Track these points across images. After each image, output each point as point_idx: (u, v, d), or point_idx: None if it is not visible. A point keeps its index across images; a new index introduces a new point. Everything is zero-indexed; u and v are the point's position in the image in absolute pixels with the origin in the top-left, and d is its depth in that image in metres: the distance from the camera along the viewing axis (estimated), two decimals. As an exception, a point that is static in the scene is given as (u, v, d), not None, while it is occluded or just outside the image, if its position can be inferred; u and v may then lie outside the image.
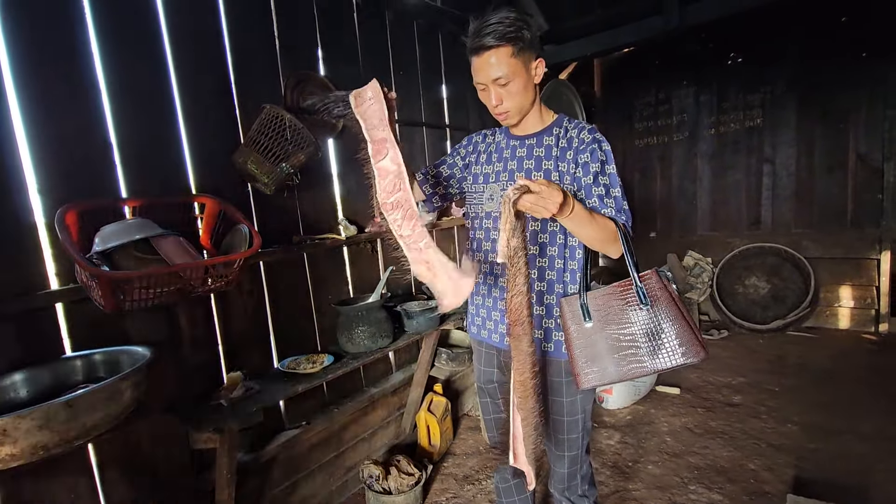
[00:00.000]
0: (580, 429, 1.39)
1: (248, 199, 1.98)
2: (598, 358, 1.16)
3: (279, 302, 2.08)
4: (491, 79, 1.17)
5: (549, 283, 1.32)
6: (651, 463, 2.40)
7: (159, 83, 1.70)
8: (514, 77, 1.16)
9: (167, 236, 1.49)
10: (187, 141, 1.78)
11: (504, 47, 1.12)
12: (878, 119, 3.81)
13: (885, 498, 2.00)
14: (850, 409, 2.74)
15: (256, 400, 1.66)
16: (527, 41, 1.14)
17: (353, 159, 2.39)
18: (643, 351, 1.11)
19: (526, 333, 1.05)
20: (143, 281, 1.36)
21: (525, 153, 1.32)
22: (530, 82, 1.22)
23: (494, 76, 1.16)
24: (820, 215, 4.14)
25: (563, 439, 1.39)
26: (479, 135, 1.48)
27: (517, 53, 1.14)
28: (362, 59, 2.49)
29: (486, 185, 1.39)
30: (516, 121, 1.28)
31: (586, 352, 1.17)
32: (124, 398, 1.22)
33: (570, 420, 1.37)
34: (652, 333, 1.11)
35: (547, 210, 1.00)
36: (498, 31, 1.11)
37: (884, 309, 3.93)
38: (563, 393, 1.35)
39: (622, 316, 1.14)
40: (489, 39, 1.12)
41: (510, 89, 1.18)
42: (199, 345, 1.79)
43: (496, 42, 1.12)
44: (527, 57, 1.17)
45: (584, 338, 1.18)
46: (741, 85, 4.34)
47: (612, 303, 1.16)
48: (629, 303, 1.14)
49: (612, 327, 1.15)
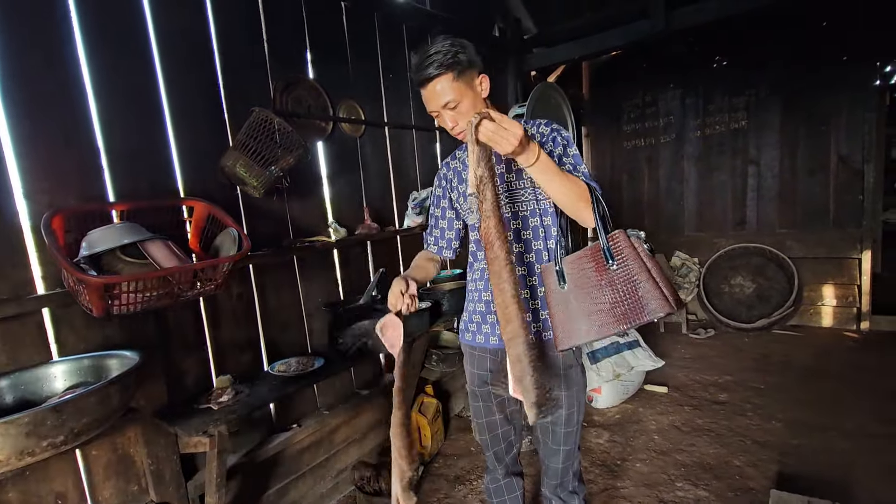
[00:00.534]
0: (575, 422, 1.43)
1: (237, 202, 1.98)
2: (574, 319, 1.19)
3: (269, 305, 2.08)
4: (440, 105, 1.24)
5: (528, 265, 1.36)
6: (639, 461, 2.43)
7: (146, 85, 1.70)
8: (461, 98, 1.23)
9: (156, 240, 1.49)
10: (175, 143, 1.78)
11: (445, 74, 1.20)
12: (859, 122, 3.90)
13: (866, 493, 2.05)
14: (833, 406, 2.80)
15: (246, 403, 1.66)
16: (465, 63, 1.21)
17: (343, 162, 2.43)
18: (613, 310, 1.14)
19: (503, 250, 1.09)
20: (132, 285, 1.36)
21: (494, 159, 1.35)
22: (478, 98, 1.27)
23: (443, 102, 1.23)
24: (803, 216, 4.22)
25: (561, 433, 1.43)
26: (444, 167, 1.53)
27: (458, 77, 1.21)
28: (351, 61, 2.50)
29: (466, 201, 1.43)
30: None
31: (563, 314, 1.21)
32: (113, 403, 1.21)
33: (568, 413, 1.41)
34: (620, 292, 1.14)
35: (507, 142, 1.04)
36: (437, 61, 1.19)
37: (865, 307, 4.02)
38: (563, 386, 1.39)
39: (593, 277, 1.18)
40: (430, 70, 1.19)
41: (460, 110, 1.24)
42: (188, 349, 1.79)
43: (437, 71, 1.19)
44: (468, 77, 1.23)
45: (560, 301, 1.22)
46: (726, 88, 4.41)
47: (585, 265, 1.20)
48: (599, 264, 1.17)
49: (584, 288, 1.18)
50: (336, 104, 2.39)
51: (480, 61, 1.27)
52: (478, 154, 1.08)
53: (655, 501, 2.11)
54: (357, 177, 2.53)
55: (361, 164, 2.55)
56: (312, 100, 2.29)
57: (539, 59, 3.85)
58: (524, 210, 1.35)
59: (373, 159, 2.62)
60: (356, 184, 2.53)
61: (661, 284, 1.12)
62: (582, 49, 3.64)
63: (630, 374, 3.03)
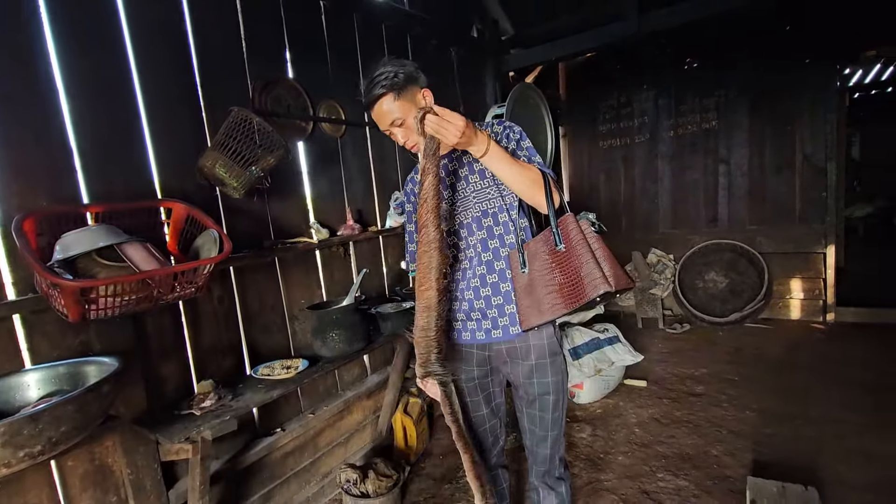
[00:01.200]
0: (561, 407, 1.49)
1: (216, 204, 1.95)
2: (534, 301, 1.26)
3: (251, 307, 2.04)
4: (388, 123, 1.31)
5: (500, 272, 1.40)
6: (621, 454, 2.48)
7: (120, 82, 1.65)
8: (405, 115, 1.28)
9: (133, 242, 1.45)
10: (152, 143, 1.74)
11: (387, 95, 1.27)
12: (821, 122, 4.07)
13: (833, 476, 2.14)
14: (803, 396, 2.91)
15: (229, 408, 1.62)
16: (402, 82, 1.27)
17: (324, 162, 2.41)
18: (562, 289, 1.21)
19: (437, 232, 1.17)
20: (110, 289, 1.32)
21: (456, 165, 1.42)
22: None
23: (389, 120, 1.30)
24: (771, 212, 4.38)
25: (548, 419, 1.47)
26: (409, 182, 1.59)
27: (399, 96, 1.28)
28: (331, 61, 2.48)
29: None
30: None
31: (526, 297, 1.28)
32: (92, 411, 1.18)
33: (555, 399, 1.46)
34: (568, 272, 1.21)
35: (450, 133, 1.12)
36: (378, 83, 1.26)
37: (830, 299, 4.20)
38: (549, 372, 1.43)
39: (547, 259, 1.25)
40: (374, 91, 1.27)
41: (408, 125, 1.30)
42: (168, 353, 1.74)
43: (379, 91, 1.27)
44: (409, 94, 1.29)
45: (523, 285, 1.30)
46: (697, 89, 4.55)
47: (539, 249, 1.28)
48: (551, 247, 1.26)
49: (540, 271, 1.25)
50: (316, 104, 2.37)
51: (423, 78, 1.34)
52: (424, 146, 1.15)
53: (638, 493, 2.16)
54: (338, 177, 2.51)
55: (342, 164, 2.53)
56: (292, 99, 2.26)
57: (517, 60, 3.89)
58: (492, 207, 1.40)
59: (354, 159, 2.60)
60: (338, 184, 2.51)
61: (601, 263, 1.18)
62: (558, 50, 3.69)
63: (611, 369, 3.09)
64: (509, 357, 1.47)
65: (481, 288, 1.41)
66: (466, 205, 1.41)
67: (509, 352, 1.45)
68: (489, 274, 1.40)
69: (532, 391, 1.47)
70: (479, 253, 1.42)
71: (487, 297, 1.40)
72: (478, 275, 1.42)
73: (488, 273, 1.40)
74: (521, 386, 1.49)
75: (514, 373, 1.49)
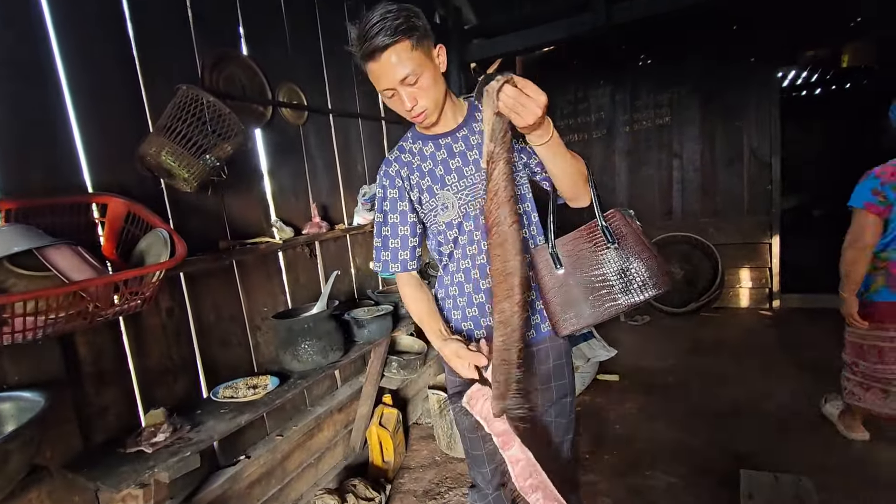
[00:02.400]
0: (574, 409, 1.40)
1: (161, 198, 1.65)
2: (574, 302, 1.15)
3: (205, 319, 1.77)
4: (398, 80, 1.03)
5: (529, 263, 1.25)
6: (606, 452, 2.43)
7: (36, 55, 1.34)
8: (422, 71, 1.04)
9: (60, 246, 1.16)
10: (79, 127, 1.43)
11: (401, 42, 0.99)
12: (766, 118, 4.27)
13: (810, 461, 2.19)
14: (766, 381, 3.01)
15: (188, 441, 1.36)
16: (422, 29, 1.03)
17: (285, 153, 2.15)
18: (616, 289, 1.11)
19: (513, 229, 0.95)
20: (29, 305, 1.03)
21: (463, 146, 1.22)
22: (438, 72, 1.10)
23: (401, 76, 1.02)
24: (722, 205, 4.56)
25: (564, 423, 1.37)
26: (392, 164, 1.29)
27: (417, 45, 1.02)
28: (290, 40, 2.22)
29: (433, 198, 1.26)
30: (436, 118, 1.16)
31: (561, 298, 1.16)
32: (11, 465, 0.91)
33: (571, 399, 1.37)
34: (622, 270, 1.12)
35: (531, 112, 0.89)
36: (388, 27, 0.97)
37: (776, 287, 4.43)
38: (566, 374, 1.33)
39: (592, 258, 1.14)
40: (381, 38, 0.98)
41: (422, 85, 1.05)
42: (107, 380, 1.45)
43: (390, 39, 0.98)
44: (427, 46, 1.05)
45: (557, 285, 1.17)
46: (652, 85, 4.64)
47: (581, 246, 1.16)
48: (597, 244, 1.14)
49: (583, 270, 1.14)
50: (275, 87, 2.10)
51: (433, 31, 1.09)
52: (493, 125, 0.92)
53: (631, 493, 2.10)
54: (301, 170, 2.26)
55: (306, 155, 2.28)
56: (247, 80, 1.99)
57: (480, 50, 3.76)
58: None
59: (318, 150, 2.36)
60: (301, 178, 2.26)
61: (660, 261, 1.13)
62: (523, 41, 3.59)
63: (587, 365, 3.04)
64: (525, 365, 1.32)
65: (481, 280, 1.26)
66: (475, 192, 1.22)
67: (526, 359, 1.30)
68: None
69: (549, 396, 1.34)
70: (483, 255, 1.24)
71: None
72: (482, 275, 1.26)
73: None
74: (534, 393, 1.35)
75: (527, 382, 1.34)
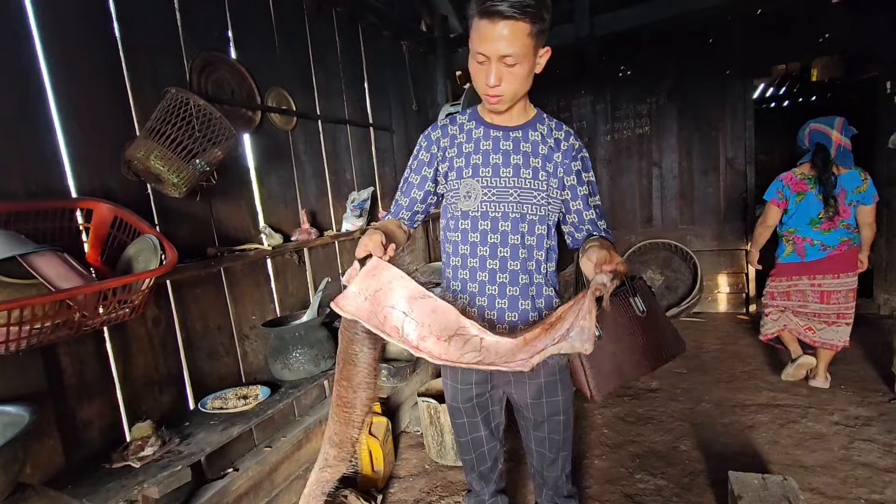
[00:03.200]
0: (570, 425, 1.38)
1: (148, 204, 1.61)
2: (607, 366, 1.17)
3: (193, 328, 1.72)
4: (498, 54, 1.03)
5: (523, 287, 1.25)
6: (596, 457, 2.44)
7: (18, 52, 1.29)
8: (522, 59, 1.04)
9: (45, 253, 1.11)
10: (62, 128, 1.38)
11: (522, 22, 0.99)
12: (741, 129, 4.41)
13: (793, 460, 2.25)
14: (746, 383, 3.09)
15: (178, 455, 1.32)
16: (545, 23, 1.03)
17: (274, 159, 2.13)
18: (649, 352, 1.17)
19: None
20: (13, 315, 0.99)
21: (511, 146, 1.22)
22: (533, 69, 1.11)
23: (503, 52, 1.02)
24: (700, 212, 4.68)
25: (559, 440, 1.36)
26: (436, 129, 1.30)
27: (533, 34, 1.02)
28: (279, 44, 2.20)
29: (460, 180, 1.24)
30: (506, 107, 1.16)
31: (599, 363, 1.17)
32: (-5, 485, 0.86)
33: (565, 419, 1.35)
34: (652, 335, 1.17)
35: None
36: (520, 2, 0.97)
37: (752, 292, 4.56)
38: (559, 390, 1.32)
39: (624, 323, 1.17)
40: (508, 7, 0.97)
41: (515, 71, 1.06)
42: (91, 392, 1.39)
43: (515, 13, 0.97)
44: (539, 41, 1.06)
45: (595, 350, 1.15)
46: (631, 95, 4.75)
47: (618, 313, 1.19)
48: (627, 310, 1.18)
49: (617, 335, 1.17)
50: (264, 91, 2.08)
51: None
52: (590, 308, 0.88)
53: (621, 497, 2.11)
54: (290, 176, 2.23)
55: (294, 161, 2.25)
56: (236, 84, 1.96)
57: (465, 58, 3.79)
58: (532, 214, 1.21)
59: (306, 156, 2.33)
60: (290, 184, 2.23)
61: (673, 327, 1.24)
62: (507, 51, 3.64)
63: (574, 370, 3.06)
64: (513, 376, 1.31)
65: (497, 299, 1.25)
66: (503, 196, 1.20)
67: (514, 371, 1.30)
68: (510, 286, 1.23)
69: (540, 412, 1.33)
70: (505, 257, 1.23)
71: (501, 310, 1.24)
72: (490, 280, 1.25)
73: (510, 285, 1.23)
74: (526, 407, 1.34)
75: (518, 393, 1.34)
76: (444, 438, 2.44)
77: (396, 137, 3.16)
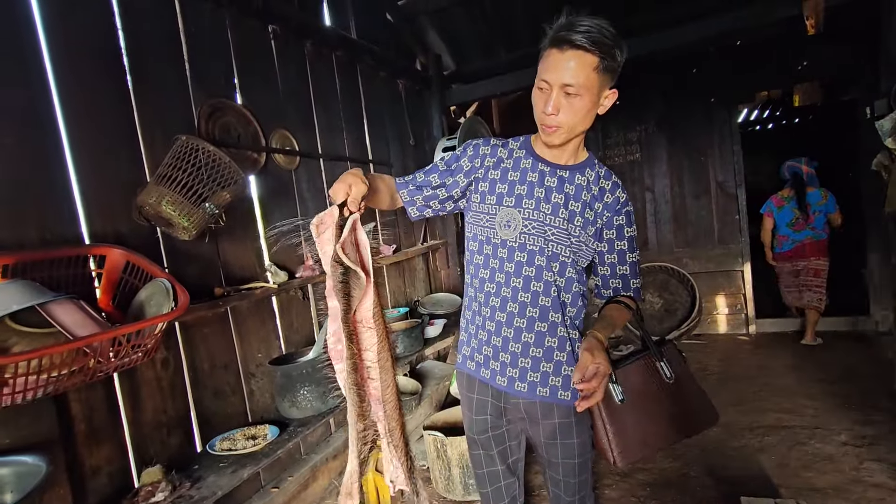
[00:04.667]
0: (587, 468, 1.32)
1: (157, 247, 1.64)
2: (633, 433, 1.16)
3: (200, 368, 1.73)
4: (561, 82, 1.02)
5: (551, 325, 1.22)
6: (606, 487, 2.41)
7: (37, 104, 1.35)
8: (584, 92, 1.03)
9: (62, 301, 1.14)
10: (76, 177, 1.42)
11: (591, 55, 0.99)
12: (729, 154, 4.54)
13: (805, 483, 2.23)
14: (754, 406, 3.08)
15: (190, 499, 1.31)
16: (614, 64, 1.04)
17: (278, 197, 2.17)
18: (678, 421, 1.17)
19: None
20: (32, 365, 1.00)
21: (555, 184, 1.19)
22: (594, 109, 1.10)
23: (566, 81, 1.01)
24: (694, 235, 4.75)
25: (574, 483, 1.30)
26: (487, 144, 1.27)
27: (600, 69, 1.02)
28: (282, 88, 2.28)
29: (499, 206, 1.21)
30: (560, 142, 1.14)
31: (619, 426, 1.15)
32: (13, 538, 0.86)
33: (581, 462, 1.29)
34: (681, 403, 1.19)
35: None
36: (592, 36, 0.98)
37: (751, 313, 4.58)
38: (574, 434, 1.26)
39: (652, 391, 1.17)
40: (580, 38, 0.98)
41: (574, 104, 1.05)
42: (100, 437, 1.39)
43: (586, 44, 0.98)
44: (605, 79, 1.06)
45: (619, 415, 1.16)
46: (621, 124, 4.89)
47: (647, 379, 1.19)
48: (655, 377, 1.19)
49: (644, 402, 1.16)
50: (268, 133, 2.15)
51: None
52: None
53: (635, 527, 2.09)
54: (293, 213, 2.28)
55: (298, 198, 2.31)
56: (242, 128, 2.03)
57: (459, 94, 3.92)
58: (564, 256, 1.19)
59: (309, 193, 2.39)
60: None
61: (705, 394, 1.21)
62: (499, 86, 3.77)
63: (579, 398, 3.05)
64: (527, 415, 1.29)
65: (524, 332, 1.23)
66: (540, 230, 1.17)
67: (528, 409, 1.26)
68: (539, 321, 1.20)
69: (555, 453, 1.29)
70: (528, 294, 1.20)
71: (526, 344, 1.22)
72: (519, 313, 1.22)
73: (539, 320, 1.20)
74: (540, 446, 1.31)
75: (533, 432, 1.31)
76: (452, 472, 2.40)
77: (395, 172, 3.24)
